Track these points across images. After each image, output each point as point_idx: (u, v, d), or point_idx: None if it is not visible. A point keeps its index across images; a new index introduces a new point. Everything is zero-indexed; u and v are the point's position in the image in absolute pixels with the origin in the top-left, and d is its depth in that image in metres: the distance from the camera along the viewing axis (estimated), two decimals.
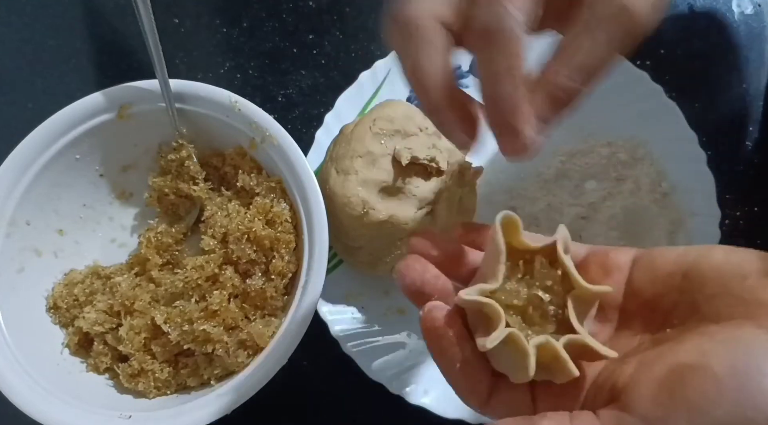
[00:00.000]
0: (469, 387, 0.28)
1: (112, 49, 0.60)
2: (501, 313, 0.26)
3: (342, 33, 0.60)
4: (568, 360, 0.26)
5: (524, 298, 0.28)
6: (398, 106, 0.49)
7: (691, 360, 0.23)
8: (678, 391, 0.23)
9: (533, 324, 0.28)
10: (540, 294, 0.28)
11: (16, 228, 0.45)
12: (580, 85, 0.28)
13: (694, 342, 0.24)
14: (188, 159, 0.49)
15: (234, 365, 0.43)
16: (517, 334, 0.26)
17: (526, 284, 0.28)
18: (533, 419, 0.25)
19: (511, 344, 0.26)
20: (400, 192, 0.47)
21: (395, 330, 0.51)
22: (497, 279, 0.27)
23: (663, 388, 0.23)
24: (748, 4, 0.61)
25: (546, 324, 0.28)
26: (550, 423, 0.24)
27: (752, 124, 0.58)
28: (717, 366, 0.23)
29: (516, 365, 0.27)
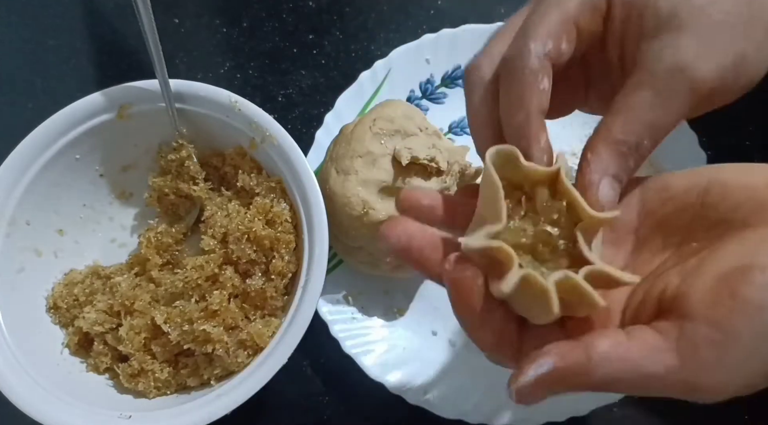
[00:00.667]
0: (497, 338, 0.26)
1: (112, 49, 0.60)
2: (512, 254, 0.25)
3: (342, 33, 0.60)
4: (591, 291, 0.24)
5: (531, 235, 0.26)
6: (398, 106, 0.49)
7: (742, 262, 0.23)
8: (739, 291, 0.23)
9: (545, 261, 0.26)
10: (548, 229, 0.27)
11: (16, 228, 0.45)
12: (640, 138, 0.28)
13: (735, 247, 0.24)
14: (188, 159, 0.49)
15: (234, 365, 0.43)
16: (533, 274, 0.24)
17: (531, 220, 0.27)
18: (589, 338, 0.24)
19: (529, 285, 0.25)
20: (400, 192, 0.47)
21: (395, 330, 0.51)
22: (501, 219, 0.25)
23: (722, 291, 0.23)
24: None
25: (558, 259, 0.26)
26: (608, 340, 0.24)
27: (752, 124, 0.58)
28: None
29: (538, 306, 0.25)
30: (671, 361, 0.23)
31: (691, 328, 0.23)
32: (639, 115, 0.28)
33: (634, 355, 0.23)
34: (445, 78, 0.56)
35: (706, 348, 0.23)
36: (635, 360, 0.23)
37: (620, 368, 0.23)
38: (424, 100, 0.56)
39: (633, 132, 0.28)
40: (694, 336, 0.23)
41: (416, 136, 0.48)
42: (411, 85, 0.56)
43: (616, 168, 0.28)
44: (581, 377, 0.24)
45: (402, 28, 0.60)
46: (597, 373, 0.23)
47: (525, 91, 0.28)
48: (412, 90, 0.56)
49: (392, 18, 0.61)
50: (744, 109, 0.58)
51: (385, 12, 0.61)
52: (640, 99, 0.28)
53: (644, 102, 0.28)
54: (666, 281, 0.26)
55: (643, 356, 0.23)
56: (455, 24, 0.56)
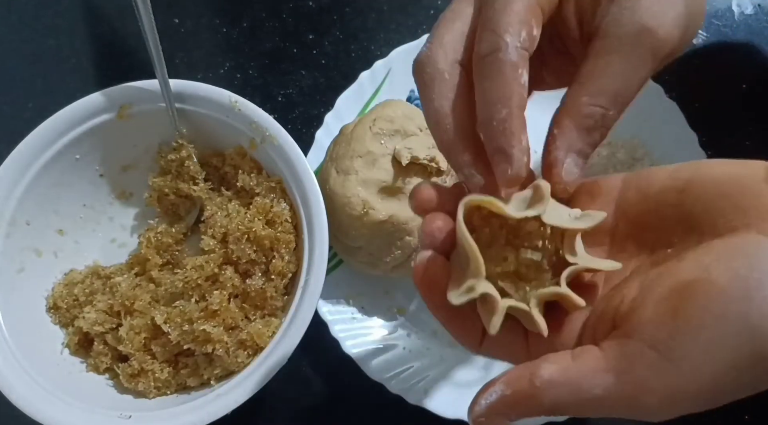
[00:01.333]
0: (463, 331, 0.28)
1: (112, 49, 0.60)
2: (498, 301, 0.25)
3: (342, 33, 0.60)
4: (570, 294, 0.26)
5: (514, 262, 0.27)
6: (398, 106, 0.49)
7: (692, 276, 0.23)
8: (681, 310, 0.22)
9: (530, 280, 0.27)
10: (530, 256, 0.27)
11: (16, 228, 0.45)
12: (608, 110, 0.28)
13: (695, 258, 0.24)
14: (188, 159, 0.49)
15: (234, 365, 0.43)
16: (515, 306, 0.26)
17: (513, 247, 0.27)
18: (534, 364, 0.24)
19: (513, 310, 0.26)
20: (400, 192, 0.47)
21: (395, 330, 0.51)
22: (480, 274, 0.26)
23: (665, 309, 0.23)
24: (748, 4, 0.61)
25: (541, 274, 0.27)
26: (552, 366, 0.24)
27: (752, 124, 0.58)
28: (720, 277, 0.22)
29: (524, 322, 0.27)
30: (608, 382, 0.23)
31: (631, 347, 0.23)
32: (605, 84, 0.28)
33: (576, 378, 0.23)
34: None
35: (643, 368, 0.22)
36: (577, 384, 0.23)
37: (564, 392, 0.23)
38: None
39: (599, 104, 0.28)
40: (631, 356, 0.23)
41: (416, 136, 0.48)
42: (411, 85, 0.56)
43: (582, 143, 0.28)
44: (529, 403, 0.24)
45: (402, 28, 0.60)
46: (543, 398, 0.24)
47: (506, 87, 0.27)
48: (412, 90, 0.56)
49: (392, 18, 0.61)
50: (744, 109, 0.58)
51: (385, 12, 0.61)
52: (607, 66, 0.28)
53: (611, 69, 0.28)
54: (624, 293, 0.26)
55: (583, 379, 0.23)
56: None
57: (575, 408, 0.24)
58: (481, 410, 0.25)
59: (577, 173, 0.28)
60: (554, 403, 0.23)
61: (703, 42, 0.60)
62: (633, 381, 0.23)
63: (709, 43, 0.60)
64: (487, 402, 0.25)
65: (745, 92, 0.59)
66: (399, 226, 0.46)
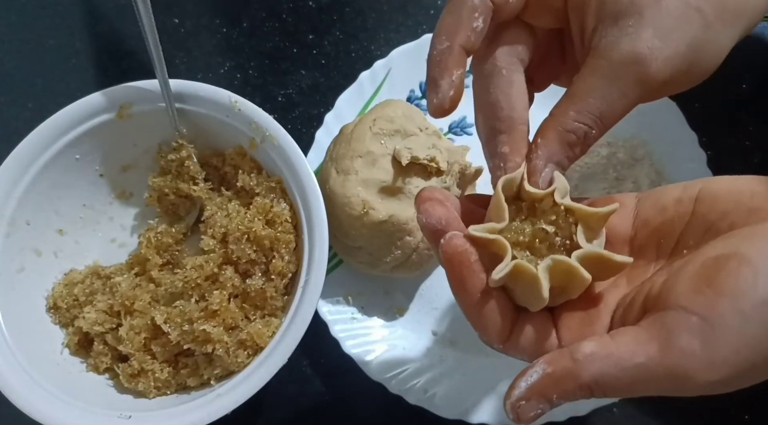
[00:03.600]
0: (490, 321, 0.28)
1: (112, 49, 0.60)
2: (507, 246, 0.27)
3: (342, 33, 0.60)
4: (578, 266, 0.26)
5: (529, 233, 0.29)
6: (398, 106, 0.49)
7: (722, 252, 0.24)
8: (716, 279, 0.23)
9: (542, 256, 0.28)
10: (545, 227, 0.28)
11: (16, 228, 0.45)
12: (591, 129, 0.29)
13: (722, 241, 0.25)
14: (188, 159, 0.49)
15: (234, 365, 0.43)
16: (523, 263, 0.27)
17: (531, 222, 0.29)
18: (574, 347, 0.25)
19: (522, 274, 0.27)
20: (400, 192, 0.47)
21: (395, 330, 0.51)
22: (504, 219, 0.28)
23: (700, 279, 0.24)
24: None
25: (555, 253, 0.28)
26: (592, 342, 0.24)
27: (752, 124, 0.58)
28: (749, 252, 0.23)
29: (531, 294, 0.27)
30: (652, 350, 0.23)
31: (670, 317, 0.24)
32: (591, 104, 0.29)
33: (617, 351, 0.24)
34: None
35: (684, 334, 0.23)
36: (618, 355, 0.24)
37: (605, 365, 0.24)
38: (424, 101, 0.56)
39: (583, 122, 0.29)
40: (672, 324, 0.23)
41: (416, 136, 0.48)
42: (411, 85, 0.56)
43: (561, 156, 0.29)
44: (570, 379, 0.24)
45: (402, 28, 0.60)
46: (585, 373, 0.24)
47: (457, 24, 0.29)
48: (412, 90, 0.56)
49: (392, 18, 0.61)
50: (744, 109, 0.58)
51: (385, 12, 0.61)
52: (593, 88, 0.29)
53: (597, 91, 0.28)
54: (652, 281, 0.26)
55: (625, 350, 0.24)
56: None
57: (617, 382, 0.24)
58: (521, 392, 0.25)
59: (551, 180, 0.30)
60: (596, 377, 0.24)
61: None
62: (677, 347, 0.23)
63: None
64: (528, 383, 0.24)
65: (745, 92, 0.59)
66: (399, 226, 0.46)
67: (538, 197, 0.29)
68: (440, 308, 0.52)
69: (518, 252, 0.28)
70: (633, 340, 0.24)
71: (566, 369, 0.24)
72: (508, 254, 0.27)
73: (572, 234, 0.28)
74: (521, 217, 0.29)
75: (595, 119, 0.29)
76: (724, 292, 0.23)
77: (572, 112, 0.29)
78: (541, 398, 0.24)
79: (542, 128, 0.30)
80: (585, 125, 0.29)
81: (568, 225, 0.29)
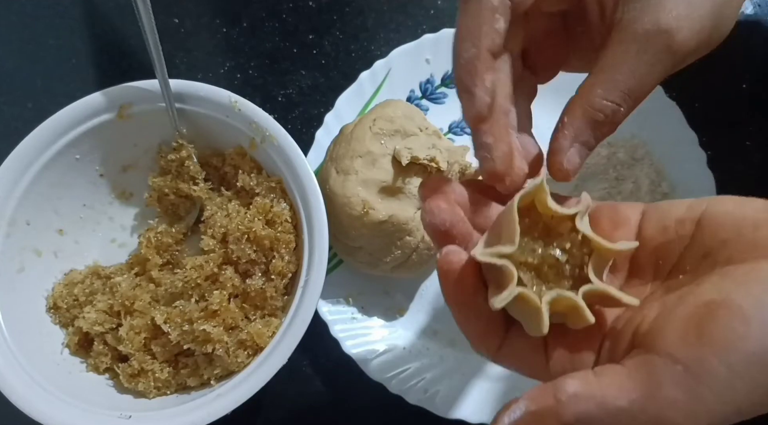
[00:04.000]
0: (481, 335, 0.28)
1: (112, 49, 0.60)
2: (514, 274, 0.26)
3: (342, 33, 0.60)
4: (584, 307, 0.26)
5: (539, 256, 0.27)
6: (398, 106, 0.49)
7: (714, 298, 0.23)
8: (706, 328, 0.23)
9: (548, 281, 0.27)
10: (556, 254, 0.27)
11: (16, 228, 0.45)
12: (620, 107, 0.28)
13: (714, 283, 0.24)
14: (188, 159, 0.49)
15: (234, 365, 0.43)
16: (527, 294, 0.26)
17: (543, 242, 0.28)
18: (558, 380, 0.24)
19: (524, 302, 0.26)
20: (400, 192, 0.47)
21: (395, 330, 0.51)
22: (513, 244, 0.27)
23: (690, 327, 0.23)
24: (748, 4, 0.61)
25: (561, 280, 0.27)
26: (576, 381, 0.24)
27: (752, 124, 0.58)
28: (742, 301, 0.23)
29: (530, 321, 0.27)
30: (635, 396, 0.23)
31: (657, 364, 0.23)
32: (619, 80, 0.28)
33: (601, 392, 0.23)
34: (445, 78, 0.56)
35: (670, 384, 0.23)
36: (602, 398, 0.23)
37: (588, 406, 0.23)
38: (424, 101, 0.56)
39: (611, 100, 0.28)
40: (658, 372, 0.23)
41: (416, 136, 0.48)
42: (411, 85, 0.56)
43: (588, 136, 0.29)
44: (552, 418, 0.24)
45: (402, 28, 0.60)
46: (567, 413, 0.24)
47: (479, 27, 0.27)
48: (412, 90, 0.56)
49: (392, 18, 0.61)
50: (744, 109, 0.58)
51: (385, 12, 0.61)
52: (620, 62, 0.28)
53: (624, 66, 0.28)
54: (643, 314, 0.26)
55: (609, 393, 0.23)
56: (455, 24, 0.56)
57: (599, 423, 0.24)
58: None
59: (579, 162, 0.29)
60: (579, 417, 0.24)
61: None
62: (661, 396, 0.23)
63: None
64: (510, 419, 0.24)
65: (745, 92, 0.59)
66: (399, 226, 0.46)
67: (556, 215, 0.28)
68: (440, 308, 0.52)
69: (523, 273, 0.27)
70: (617, 383, 0.24)
71: (549, 409, 0.24)
72: (513, 282, 0.26)
73: (583, 264, 0.28)
74: (534, 234, 0.28)
75: (623, 95, 0.28)
76: (713, 343, 0.22)
77: (599, 89, 0.28)
78: None
79: (569, 107, 0.29)
80: (613, 103, 0.28)
81: (581, 254, 0.28)
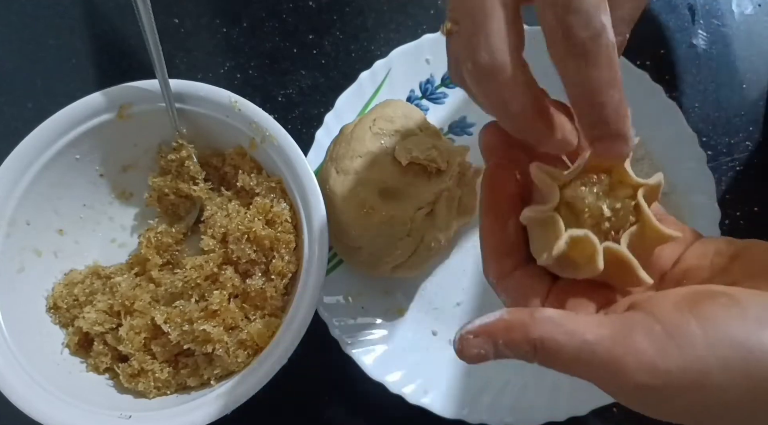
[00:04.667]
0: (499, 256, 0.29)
1: (112, 49, 0.60)
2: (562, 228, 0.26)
3: (342, 33, 0.60)
4: (599, 253, 0.26)
5: (587, 205, 0.27)
6: (398, 106, 0.49)
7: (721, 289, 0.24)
8: (701, 305, 0.23)
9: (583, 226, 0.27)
10: (604, 208, 0.27)
11: (16, 228, 0.45)
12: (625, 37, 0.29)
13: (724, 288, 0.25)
14: (188, 159, 0.49)
15: (234, 365, 0.43)
16: (557, 218, 0.26)
17: (597, 196, 0.28)
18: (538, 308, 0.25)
19: (550, 226, 0.27)
20: (400, 192, 0.47)
21: (395, 330, 0.51)
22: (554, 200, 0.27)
23: (686, 300, 0.24)
24: (748, 4, 0.61)
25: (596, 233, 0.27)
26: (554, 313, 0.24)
27: (752, 124, 0.58)
28: (744, 298, 0.23)
29: (546, 246, 0.27)
30: (604, 334, 0.23)
31: (637, 317, 0.24)
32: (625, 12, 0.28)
33: (573, 323, 0.24)
34: (445, 78, 0.56)
35: (642, 333, 0.23)
36: (573, 328, 0.24)
37: (556, 331, 0.24)
38: (424, 100, 0.56)
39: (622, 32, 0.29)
40: (635, 322, 0.23)
41: (416, 136, 0.48)
42: (411, 85, 0.56)
43: None
44: (520, 331, 0.24)
45: (402, 28, 0.60)
46: (535, 330, 0.24)
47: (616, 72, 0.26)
48: (412, 90, 0.56)
49: (392, 18, 0.61)
50: (744, 109, 0.58)
51: (385, 12, 0.61)
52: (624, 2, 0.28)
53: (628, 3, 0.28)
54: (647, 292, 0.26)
55: (580, 326, 0.24)
56: None
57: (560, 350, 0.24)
58: (473, 327, 0.25)
59: None
60: (544, 338, 0.24)
61: (703, 42, 0.60)
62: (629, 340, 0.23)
63: (709, 43, 0.60)
64: (482, 321, 0.25)
65: (745, 92, 0.59)
66: (399, 226, 0.46)
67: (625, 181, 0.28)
68: (440, 308, 0.52)
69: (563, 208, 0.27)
70: (592, 321, 0.24)
71: (520, 321, 0.24)
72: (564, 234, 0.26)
73: (621, 230, 0.27)
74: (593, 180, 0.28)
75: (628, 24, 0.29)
76: (701, 316, 0.23)
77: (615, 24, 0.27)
78: (488, 339, 0.25)
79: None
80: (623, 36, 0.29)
81: (624, 222, 0.27)
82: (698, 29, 0.60)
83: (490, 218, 0.29)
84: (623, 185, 0.28)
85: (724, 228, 0.51)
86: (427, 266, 0.50)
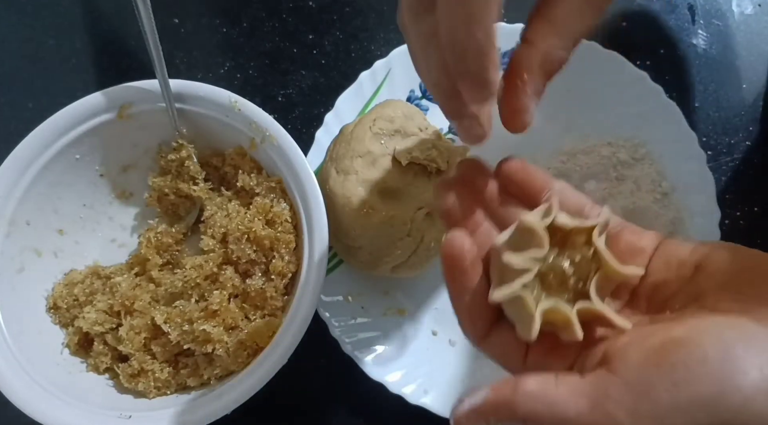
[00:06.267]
0: (472, 320, 0.29)
1: (112, 49, 0.60)
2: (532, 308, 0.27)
3: (342, 33, 0.60)
4: (575, 322, 0.27)
5: (549, 265, 0.28)
6: (398, 106, 0.49)
7: (683, 335, 0.24)
8: (665, 361, 0.24)
9: (550, 289, 0.28)
10: (564, 266, 0.28)
11: (16, 228, 0.45)
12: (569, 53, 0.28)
13: (691, 322, 0.25)
14: (188, 159, 0.49)
15: (234, 365, 0.43)
16: (527, 299, 0.27)
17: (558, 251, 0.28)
18: (521, 377, 0.26)
19: (520, 305, 0.27)
20: (400, 192, 0.47)
21: (395, 330, 0.51)
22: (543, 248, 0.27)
23: (651, 357, 0.24)
24: (748, 4, 0.61)
25: (563, 292, 0.28)
26: (535, 382, 0.26)
27: (752, 124, 0.58)
28: (707, 344, 0.23)
29: (522, 323, 0.28)
30: (582, 407, 0.24)
31: (610, 381, 0.24)
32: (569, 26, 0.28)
33: (554, 397, 0.25)
34: None
35: (614, 403, 0.24)
36: (553, 402, 0.25)
37: (539, 407, 0.25)
38: (424, 101, 0.56)
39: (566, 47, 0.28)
40: (609, 389, 0.24)
41: (416, 136, 0.48)
42: (411, 85, 0.56)
43: (542, 87, 0.29)
44: (507, 409, 0.25)
45: None
46: (520, 408, 0.25)
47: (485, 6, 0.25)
48: (412, 90, 0.56)
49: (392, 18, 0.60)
50: (744, 109, 0.58)
51: (385, 12, 0.61)
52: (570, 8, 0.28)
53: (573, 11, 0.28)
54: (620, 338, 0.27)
55: (561, 399, 0.25)
56: None
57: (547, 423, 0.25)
58: (464, 409, 0.26)
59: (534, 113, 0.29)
60: (529, 415, 0.25)
61: (703, 42, 0.60)
62: (603, 410, 0.24)
63: (709, 43, 0.60)
64: (471, 402, 0.26)
65: (745, 92, 0.59)
66: (399, 226, 0.46)
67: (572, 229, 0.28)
68: (440, 308, 0.52)
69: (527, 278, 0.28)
70: (571, 391, 0.25)
71: (506, 400, 0.26)
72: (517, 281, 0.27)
73: (588, 279, 0.28)
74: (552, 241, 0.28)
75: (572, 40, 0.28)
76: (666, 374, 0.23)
77: (556, 39, 0.28)
78: (479, 418, 0.26)
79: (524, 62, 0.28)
80: (566, 51, 0.28)
81: (587, 270, 0.28)
82: (698, 29, 0.60)
83: (455, 286, 0.29)
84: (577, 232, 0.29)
85: (724, 228, 0.51)
86: (427, 266, 0.50)
